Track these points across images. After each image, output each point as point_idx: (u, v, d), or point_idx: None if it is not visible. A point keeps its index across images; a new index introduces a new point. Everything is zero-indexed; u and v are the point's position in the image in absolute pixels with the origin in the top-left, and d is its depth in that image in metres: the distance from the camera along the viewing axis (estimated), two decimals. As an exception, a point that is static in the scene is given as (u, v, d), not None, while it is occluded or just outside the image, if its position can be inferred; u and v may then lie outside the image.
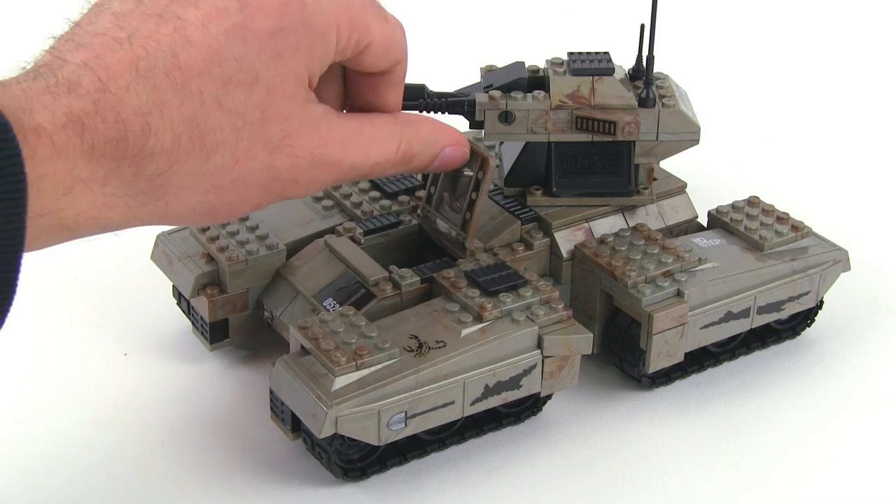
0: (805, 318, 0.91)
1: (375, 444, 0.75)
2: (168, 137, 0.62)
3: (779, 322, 0.90)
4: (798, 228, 0.89)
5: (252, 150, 0.65)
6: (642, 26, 0.87)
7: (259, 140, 0.65)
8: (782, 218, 0.90)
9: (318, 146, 0.68)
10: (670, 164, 0.93)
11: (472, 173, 0.83)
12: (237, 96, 0.64)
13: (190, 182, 0.64)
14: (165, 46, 0.62)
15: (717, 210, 0.91)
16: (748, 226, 0.89)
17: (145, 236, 0.85)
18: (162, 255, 0.88)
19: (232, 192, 0.66)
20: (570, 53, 0.87)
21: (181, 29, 0.63)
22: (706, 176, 1.07)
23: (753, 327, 0.87)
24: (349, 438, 0.75)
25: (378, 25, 0.70)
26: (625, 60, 0.90)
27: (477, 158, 0.82)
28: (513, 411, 0.82)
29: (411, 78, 0.87)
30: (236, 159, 0.65)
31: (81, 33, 0.63)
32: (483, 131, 0.86)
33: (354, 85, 0.74)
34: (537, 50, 0.99)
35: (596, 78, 0.85)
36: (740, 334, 0.88)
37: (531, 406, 0.82)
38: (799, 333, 0.91)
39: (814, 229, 0.90)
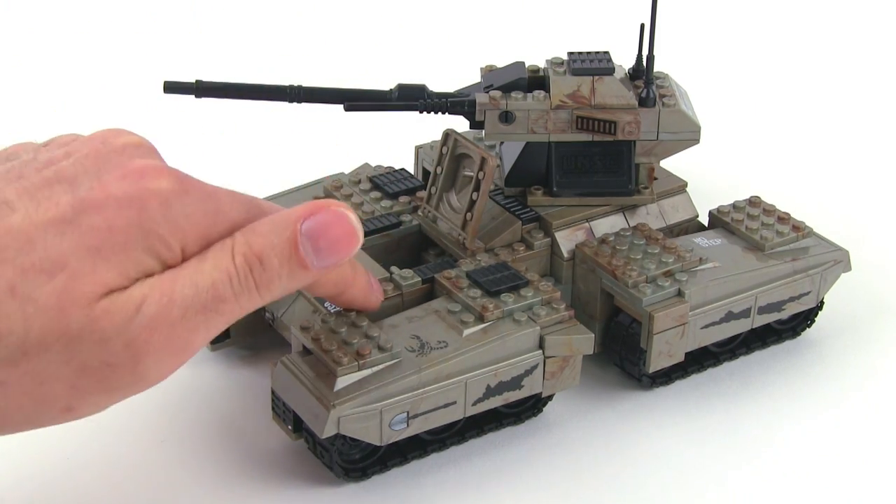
0: (805, 319, 0.91)
1: (377, 444, 0.75)
2: None
3: (779, 322, 0.90)
4: (799, 228, 0.89)
5: (45, 341, 0.58)
6: (642, 26, 0.87)
7: (53, 329, 0.58)
8: (783, 218, 0.90)
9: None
10: (671, 164, 0.93)
11: (472, 173, 0.84)
12: (34, 282, 0.58)
13: None
14: None
15: (717, 210, 0.91)
16: (749, 226, 0.89)
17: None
18: (162, 255, 0.87)
19: (21, 392, 0.59)
20: (570, 53, 0.87)
21: (6, 216, 0.58)
22: (707, 175, 1.07)
23: (754, 327, 0.87)
24: (351, 438, 0.75)
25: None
26: (625, 60, 0.90)
27: (477, 158, 0.82)
28: (514, 412, 0.82)
29: (412, 78, 0.88)
30: (25, 351, 0.58)
31: None
32: (483, 131, 0.86)
33: None
34: (537, 50, 0.99)
35: (596, 78, 0.85)
36: (741, 334, 0.88)
37: (532, 406, 0.82)
38: (799, 334, 0.91)
39: (815, 229, 0.90)
